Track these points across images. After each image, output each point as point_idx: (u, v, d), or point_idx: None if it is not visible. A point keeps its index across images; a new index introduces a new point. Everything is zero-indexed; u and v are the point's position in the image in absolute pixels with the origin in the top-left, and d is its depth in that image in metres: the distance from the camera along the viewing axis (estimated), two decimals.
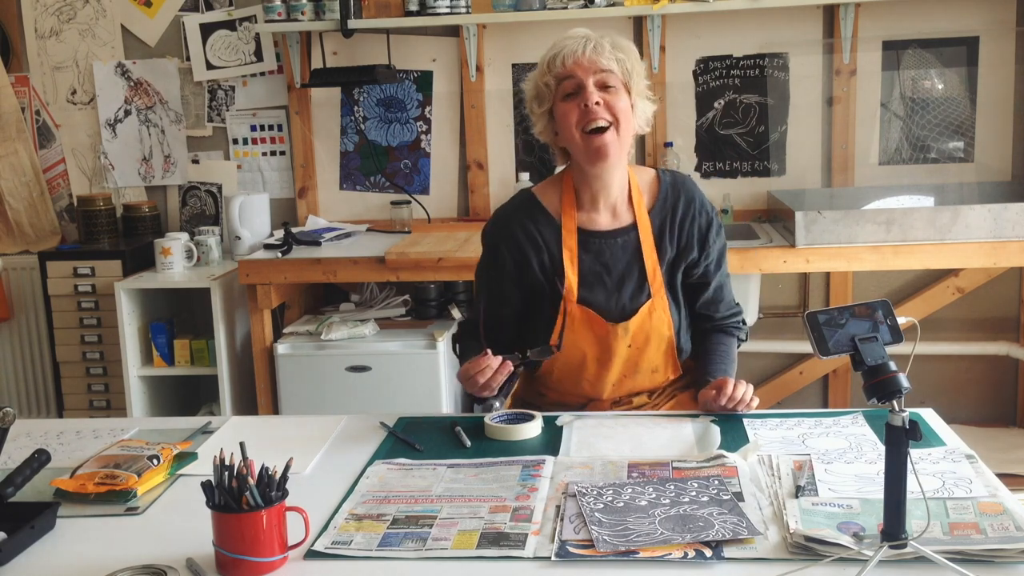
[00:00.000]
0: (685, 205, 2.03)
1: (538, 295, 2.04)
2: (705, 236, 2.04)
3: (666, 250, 2.02)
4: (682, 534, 1.38)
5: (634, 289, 2.01)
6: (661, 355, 2.04)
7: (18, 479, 1.56)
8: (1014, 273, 3.65)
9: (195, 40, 3.91)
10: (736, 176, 3.75)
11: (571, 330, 2.00)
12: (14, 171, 3.97)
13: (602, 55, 1.91)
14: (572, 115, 1.91)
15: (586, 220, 2.01)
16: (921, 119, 3.66)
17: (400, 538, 1.42)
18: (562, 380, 2.07)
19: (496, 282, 2.06)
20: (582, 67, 1.90)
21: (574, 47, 1.91)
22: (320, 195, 3.96)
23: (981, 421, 3.74)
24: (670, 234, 2.02)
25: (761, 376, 3.83)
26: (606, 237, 2.01)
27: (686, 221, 2.02)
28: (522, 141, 3.82)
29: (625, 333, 1.99)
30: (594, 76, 1.91)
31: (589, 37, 1.93)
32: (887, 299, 1.41)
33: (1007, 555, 1.29)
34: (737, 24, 3.65)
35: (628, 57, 1.94)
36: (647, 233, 2.01)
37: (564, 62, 1.91)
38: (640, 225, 2.01)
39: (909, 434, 1.27)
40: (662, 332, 2.02)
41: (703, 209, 2.05)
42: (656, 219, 2.02)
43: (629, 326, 1.99)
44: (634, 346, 2.01)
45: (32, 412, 4.07)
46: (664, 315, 2.01)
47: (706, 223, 2.04)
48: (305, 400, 3.34)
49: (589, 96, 1.90)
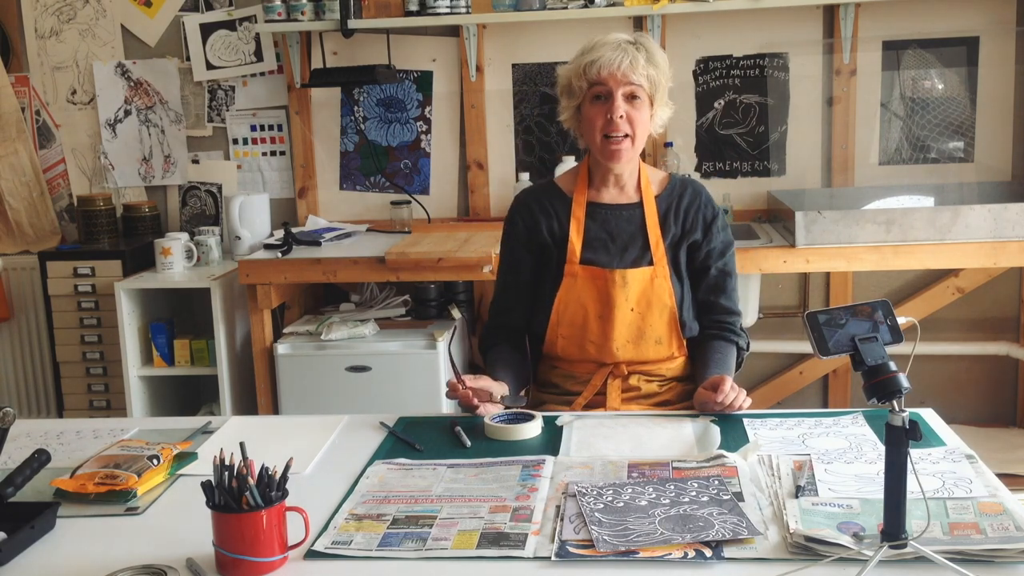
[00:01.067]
0: (692, 195, 2.19)
1: (547, 259, 2.18)
2: (709, 225, 2.17)
3: (670, 228, 2.15)
4: (682, 534, 1.38)
5: (636, 255, 2.14)
6: (664, 325, 2.13)
7: (18, 479, 1.56)
8: (1014, 273, 3.65)
9: (195, 40, 3.91)
10: (736, 176, 3.76)
11: (573, 289, 2.13)
12: (14, 171, 3.97)
13: (636, 71, 2.05)
14: (597, 120, 2.08)
15: (595, 195, 2.19)
16: (921, 119, 3.66)
17: (400, 538, 1.42)
18: (568, 346, 2.14)
19: (511, 249, 2.23)
20: (615, 79, 2.05)
21: (611, 59, 2.04)
22: (320, 195, 3.96)
23: (981, 421, 3.74)
24: (675, 216, 2.16)
25: (761, 376, 3.83)
26: (612, 209, 2.17)
27: (691, 209, 2.17)
28: (522, 141, 3.82)
29: (623, 283, 2.10)
30: (624, 88, 2.06)
31: (627, 51, 2.06)
32: (887, 299, 1.41)
33: (1007, 555, 1.29)
34: (737, 24, 3.65)
35: (659, 72, 2.09)
36: (652, 212, 2.16)
37: (600, 72, 2.05)
38: (646, 204, 2.16)
39: (909, 434, 1.27)
40: (664, 300, 2.12)
41: (709, 203, 2.20)
42: (663, 204, 2.17)
43: (627, 276, 2.09)
44: (636, 310, 2.11)
45: (32, 412, 4.07)
46: (665, 283, 2.12)
47: (711, 215, 2.18)
48: (305, 400, 3.34)
49: (616, 109, 2.06)
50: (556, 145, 3.79)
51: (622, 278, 2.10)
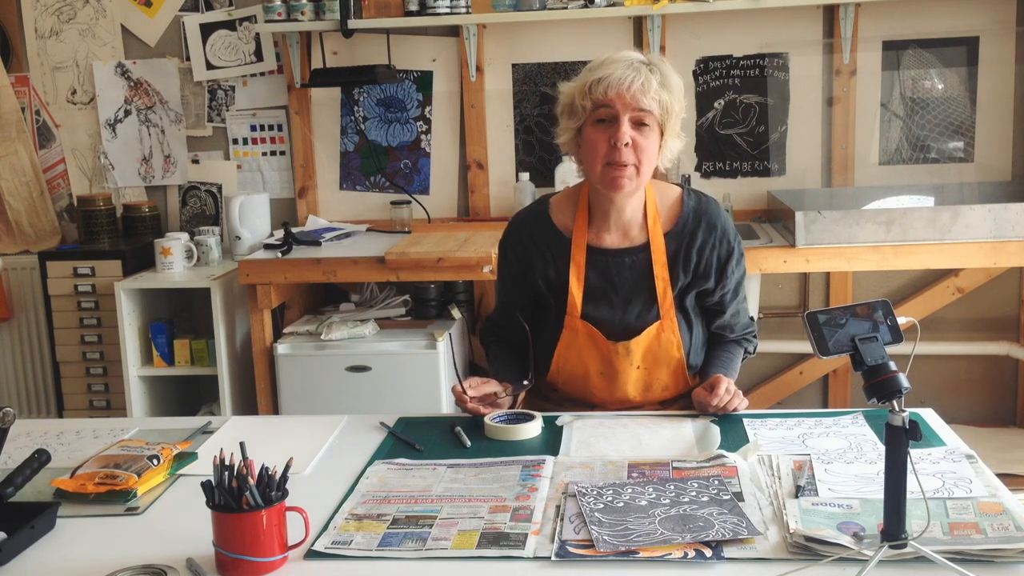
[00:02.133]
0: (706, 232, 1.98)
1: (544, 307, 2.05)
2: (724, 267, 1.99)
3: (679, 276, 1.98)
4: (682, 534, 1.38)
5: (641, 309, 1.99)
6: (671, 375, 2.04)
7: (18, 479, 1.56)
8: (1014, 273, 3.65)
9: (195, 40, 3.91)
10: (736, 176, 3.75)
11: (574, 344, 2.00)
12: (14, 171, 3.97)
13: (647, 94, 1.84)
14: (600, 146, 1.87)
15: (595, 237, 1.99)
16: (921, 119, 3.66)
17: (400, 538, 1.42)
18: (571, 391, 2.07)
19: (505, 286, 2.11)
20: (623, 101, 1.85)
21: (620, 78, 1.84)
22: (320, 195, 3.96)
23: (981, 421, 3.74)
24: (685, 260, 1.97)
25: (761, 376, 3.83)
26: (614, 256, 1.99)
27: (705, 249, 1.98)
28: (522, 141, 3.82)
29: (627, 352, 1.98)
30: (632, 112, 1.85)
31: (639, 71, 1.85)
32: (887, 299, 1.41)
33: (1007, 555, 1.29)
34: (737, 24, 3.65)
35: (672, 98, 1.88)
36: (660, 254, 1.97)
37: (607, 92, 1.85)
38: (654, 246, 1.97)
39: (909, 434, 1.27)
40: (671, 353, 2.01)
41: (724, 238, 1.99)
42: (672, 243, 1.98)
43: (631, 346, 1.98)
44: (643, 367, 2.01)
45: (32, 412, 4.07)
46: (673, 336, 1.99)
47: (726, 253, 1.99)
48: (305, 400, 3.34)
49: (621, 136, 1.85)
50: (556, 145, 3.78)
51: (625, 349, 1.97)
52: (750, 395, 3.76)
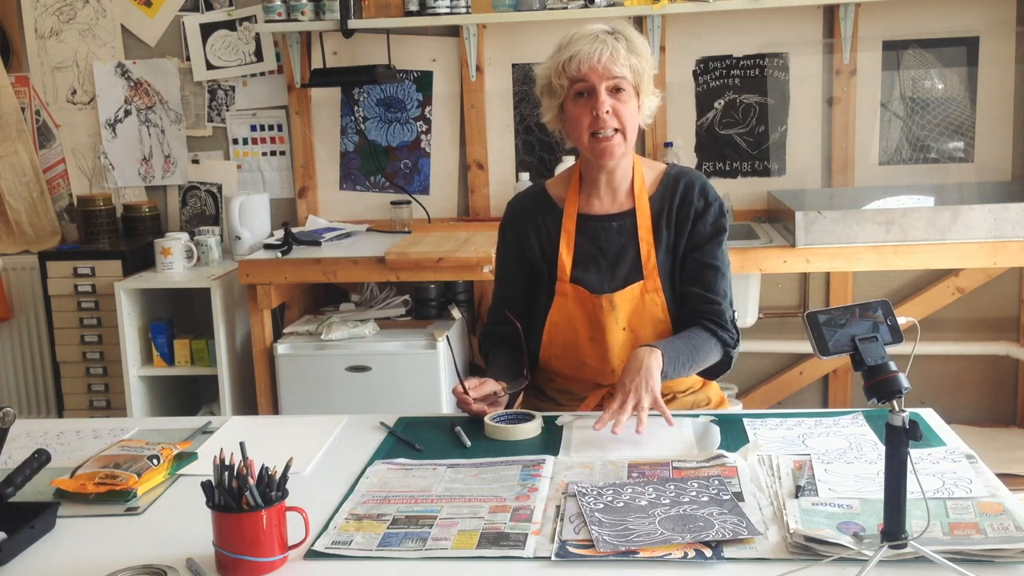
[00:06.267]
0: (685, 189, 2.06)
1: (539, 275, 2.10)
2: (699, 216, 2.05)
3: (663, 234, 2.05)
4: (682, 534, 1.38)
5: (628, 271, 2.05)
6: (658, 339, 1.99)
7: (18, 479, 1.56)
8: (1014, 273, 3.65)
9: (195, 40, 3.91)
10: (736, 176, 3.75)
11: (564, 309, 2.06)
12: (14, 171, 3.97)
13: (617, 63, 1.94)
14: (583, 118, 1.97)
15: (586, 204, 2.09)
16: (921, 119, 3.66)
17: (400, 538, 1.42)
18: (564, 366, 2.09)
19: (504, 263, 2.16)
20: (596, 73, 1.94)
21: (590, 52, 1.93)
22: (320, 195, 3.96)
23: (981, 421, 3.74)
24: (667, 218, 2.05)
25: (761, 376, 3.83)
26: (602, 220, 2.07)
27: (683, 206, 2.06)
28: (522, 141, 3.82)
29: (611, 307, 2.02)
30: (607, 81, 1.94)
31: (606, 42, 1.95)
32: (887, 299, 1.41)
33: (1007, 555, 1.28)
34: (737, 24, 3.65)
35: (642, 60, 1.97)
36: (645, 218, 2.05)
37: (579, 67, 1.94)
38: (639, 210, 2.06)
39: (909, 434, 1.27)
40: (656, 315, 2.03)
41: (703, 193, 2.06)
42: (656, 204, 2.07)
43: (615, 299, 2.02)
44: (628, 329, 2.03)
45: (32, 412, 4.07)
46: (657, 296, 2.03)
47: (702, 205, 2.05)
48: (305, 400, 3.34)
49: (600, 105, 1.94)
50: (556, 145, 3.79)
51: (609, 303, 2.01)
52: (750, 395, 3.79)
